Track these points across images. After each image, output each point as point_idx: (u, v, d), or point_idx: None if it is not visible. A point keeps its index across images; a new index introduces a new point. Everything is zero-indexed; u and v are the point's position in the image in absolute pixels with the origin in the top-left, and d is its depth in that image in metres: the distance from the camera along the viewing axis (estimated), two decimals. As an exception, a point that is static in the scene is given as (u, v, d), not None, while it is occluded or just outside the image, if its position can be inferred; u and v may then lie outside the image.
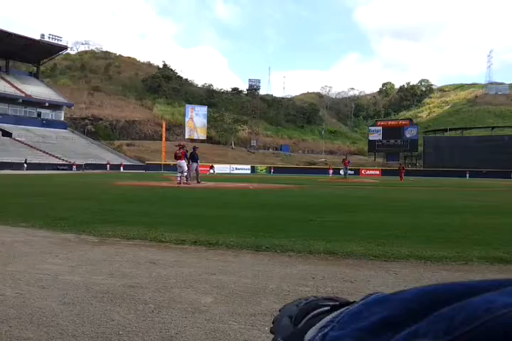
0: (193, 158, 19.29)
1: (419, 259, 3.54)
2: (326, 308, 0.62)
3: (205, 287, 2.64)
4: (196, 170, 19.53)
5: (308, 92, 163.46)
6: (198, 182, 19.03)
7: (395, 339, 0.45)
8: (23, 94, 66.77)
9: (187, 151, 19.26)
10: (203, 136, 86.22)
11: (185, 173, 18.49)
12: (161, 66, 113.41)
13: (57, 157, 55.42)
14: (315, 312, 0.63)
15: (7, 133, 58.64)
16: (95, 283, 2.68)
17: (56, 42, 71.43)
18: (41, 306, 2.23)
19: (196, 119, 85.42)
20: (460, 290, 0.46)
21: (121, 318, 2.08)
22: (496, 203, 10.69)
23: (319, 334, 0.53)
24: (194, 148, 19.62)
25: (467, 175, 53.64)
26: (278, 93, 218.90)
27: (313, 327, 0.56)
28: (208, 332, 1.93)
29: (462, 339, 0.39)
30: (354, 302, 0.59)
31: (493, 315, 0.38)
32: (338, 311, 0.57)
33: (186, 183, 18.15)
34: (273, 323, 0.71)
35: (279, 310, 0.72)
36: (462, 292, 0.45)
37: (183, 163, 18.42)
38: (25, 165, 44.97)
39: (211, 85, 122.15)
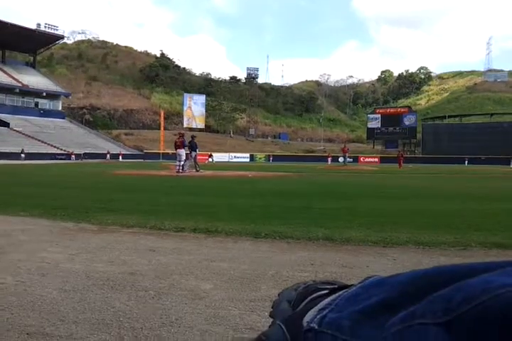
0: (191, 146, 19.27)
1: (417, 245, 3.55)
2: (325, 292, 0.62)
3: (204, 273, 2.65)
4: (194, 158, 19.53)
5: (306, 80, 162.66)
6: (197, 170, 19.05)
7: (392, 320, 0.45)
8: (20, 84, 66.40)
9: (185, 140, 19.22)
10: (201, 124, 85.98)
11: (183, 162, 18.48)
12: (158, 55, 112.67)
13: (55, 147, 55.31)
14: (313, 295, 0.63)
15: (5, 123, 58.42)
16: (95, 270, 2.69)
17: (52, 31, 70.84)
18: (42, 294, 2.24)
19: (194, 108, 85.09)
20: (458, 271, 0.46)
21: (122, 305, 2.09)
22: (494, 189, 10.71)
23: (318, 316, 0.53)
24: (192, 136, 19.61)
25: (466, 161, 53.66)
26: (276, 81, 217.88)
27: (312, 310, 0.56)
28: (208, 317, 1.94)
29: (460, 319, 0.39)
30: (352, 285, 0.59)
31: (490, 295, 0.38)
32: (337, 294, 0.58)
33: (184, 172, 18.17)
34: (272, 308, 0.71)
35: (278, 295, 0.73)
36: (460, 273, 0.45)
37: (182, 151, 18.42)
38: (23, 155, 44.87)
39: (209, 74, 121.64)
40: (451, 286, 0.42)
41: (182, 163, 18.42)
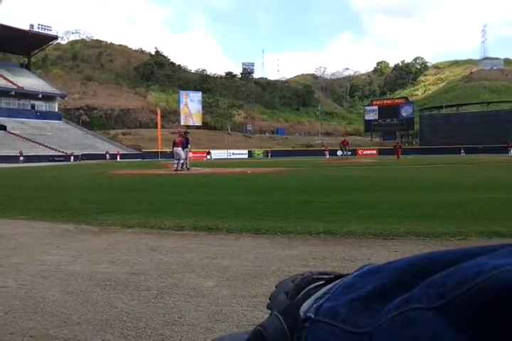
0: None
1: (418, 236, 3.56)
2: (321, 282, 0.63)
3: (206, 271, 2.65)
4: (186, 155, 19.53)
5: (302, 74, 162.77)
6: (187, 168, 19.06)
7: (388, 307, 0.45)
8: (15, 86, 66.14)
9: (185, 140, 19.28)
10: (198, 122, 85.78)
11: (182, 160, 18.48)
12: (153, 53, 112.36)
13: (53, 148, 55.20)
14: (310, 286, 0.63)
15: (1, 127, 58.27)
16: (97, 271, 2.70)
17: (46, 32, 70.53)
18: (45, 296, 2.24)
19: (191, 105, 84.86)
20: (453, 256, 0.46)
21: (125, 305, 2.09)
22: (492, 179, 10.72)
23: (314, 306, 0.54)
24: (185, 133, 19.72)
25: (462, 151, 53.67)
26: (272, 76, 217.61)
27: (309, 300, 0.57)
28: (211, 314, 1.94)
29: (455, 302, 0.39)
30: (348, 274, 0.59)
31: (483, 277, 0.38)
32: (333, 283, 0.58)
33: (183, 170, 18.19)
34: (270, 299, 0.71)
35: (276, 286, 0.73)
36: (455, 258, 0.45)
37: (180, 150, 18.39)
38: (22, 158, 44.79)
39: (205, 70, 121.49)
40: (445, 271, 0.43)
41: (181, 161, 18.42)
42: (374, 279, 0.51)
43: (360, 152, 63.19)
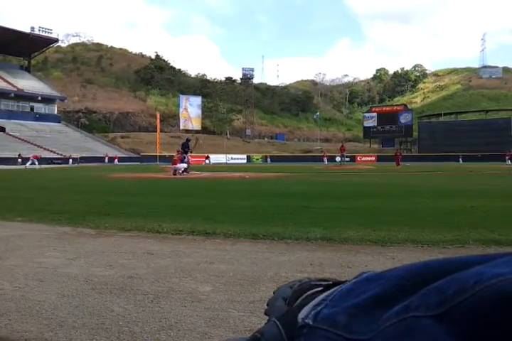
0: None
1: (416, 243, 3.55)
2: (320, 288, 0.62)
3: (203, 276, 2.64)
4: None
5: (302, 80, 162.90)
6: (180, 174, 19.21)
7: (387, 314, 0.45)
8: (15, 88, 66.12)
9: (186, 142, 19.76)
10: (197, 126, 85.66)
11: (185, 165, 18.73)
12: (153, 57, 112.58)
13: (51, 151, 55.11)
14: (308, 292, 0.63)
15: (0, 128, 58.21)
16: (94, 274, 2.69)
17: (46, 34, 70.66)
18: (40, 299, 2.23)
19: (191, 110, 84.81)
20: (452, 264, 0.46)
21: (121, 309, 2.08)
22: (490, 187, 10.74)
23: (312, 312, 0.53)
24: (187, 140, 20.12)
25: (460, 159, 53.71)
26: (272, 81, 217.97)
27: (307, 306, 0.57)
28: (208, 320, 1.93)
29: (454, 310, 0.39)
30: (346, 281, 0.59)
31: (482, 286, 0.38)
32: (331, 290, 0.58)
33: (183, 174, 18.28)
34: (267, 305, 0.71)
35: (274, 292, 0.73)
36: (454, 266, 0.45)
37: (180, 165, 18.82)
38: (20, 160, 44.66)
39: (205, 75, 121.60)
40: (445, 279, 0.43)
41: (182, 167, 18.64)
42: (373, 286, 0.51)
43: (358, 158, 63.16)
